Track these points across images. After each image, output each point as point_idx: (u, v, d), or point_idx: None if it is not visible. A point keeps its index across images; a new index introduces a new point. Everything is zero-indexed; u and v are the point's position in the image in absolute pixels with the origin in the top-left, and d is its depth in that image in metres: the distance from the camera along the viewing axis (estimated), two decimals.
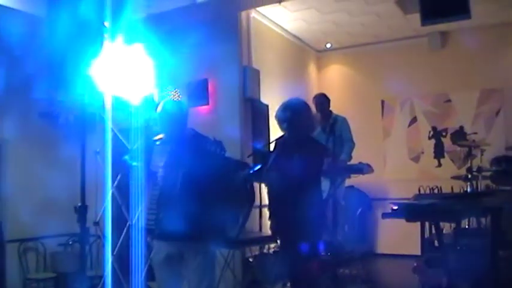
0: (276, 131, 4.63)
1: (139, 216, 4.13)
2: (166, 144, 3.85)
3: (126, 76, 5.02)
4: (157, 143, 3.93)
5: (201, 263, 3.67)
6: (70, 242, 7.13)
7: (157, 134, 3.97)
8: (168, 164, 3.75)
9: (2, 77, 6.24)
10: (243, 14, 7.47)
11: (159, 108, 3.90)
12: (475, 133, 7.89)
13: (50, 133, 7.27)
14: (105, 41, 4.79)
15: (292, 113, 4.04)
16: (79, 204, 4.49)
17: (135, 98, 4.80)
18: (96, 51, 4.16)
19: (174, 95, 6.20)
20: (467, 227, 6.67)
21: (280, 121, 4.10)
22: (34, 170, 7.03)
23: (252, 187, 4.36)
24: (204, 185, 3.57)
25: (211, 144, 3.71)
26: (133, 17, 5.36)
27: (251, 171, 4.10)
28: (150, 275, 4.44)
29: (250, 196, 4.20)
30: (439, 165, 9.13)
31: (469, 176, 6.94)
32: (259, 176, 4.15)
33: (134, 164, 3.93)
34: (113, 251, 5.14)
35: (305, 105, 4.19)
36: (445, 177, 7.78)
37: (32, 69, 6.43)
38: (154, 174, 3.77)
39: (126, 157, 4.03)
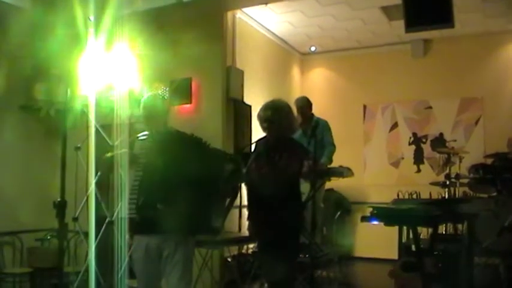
0: (258, 132, 4.64)
1: (119, 210, 4.12)
2: (149, 138, 3.86)
3: (110, 72, 5.03)
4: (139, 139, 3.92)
5: (180, 260, 3.65)
6: (48, 237, 7.07)
7: (141, 131, 3.96)
8: (150, 153, 3.74)
9: None
10: (229, 14, 7.50)
11: (141, 104, 3.90)
12: (455, 140, 8.00)
13: (31, 127, 7.20)
14: (90, 37, 4.79)
15: (273, 112, 4.06)
16: (58, 199, 4.47)
17: (118, 94, 4.80)
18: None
19: (156, 91, 6.17)
20: (444, 232, 6.75)
21: (261, 120, 4.12)
22: (13, 163, 6.96)
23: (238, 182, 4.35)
24: (187, 176, 3.57)
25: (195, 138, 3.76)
26: (118, 13, 5.35)
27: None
28: (130, 273, 4.42)
29: (234, 189, 4.18)
30: (419, 171, 9.22)
31: (447, 182, 7.04)
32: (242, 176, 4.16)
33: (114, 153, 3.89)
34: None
35: (286, 106, 4.21)
36: (424, 183, 7.88)
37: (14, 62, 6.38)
38: (136, 160, 3.76)
39: (109, 154, 4.00)
